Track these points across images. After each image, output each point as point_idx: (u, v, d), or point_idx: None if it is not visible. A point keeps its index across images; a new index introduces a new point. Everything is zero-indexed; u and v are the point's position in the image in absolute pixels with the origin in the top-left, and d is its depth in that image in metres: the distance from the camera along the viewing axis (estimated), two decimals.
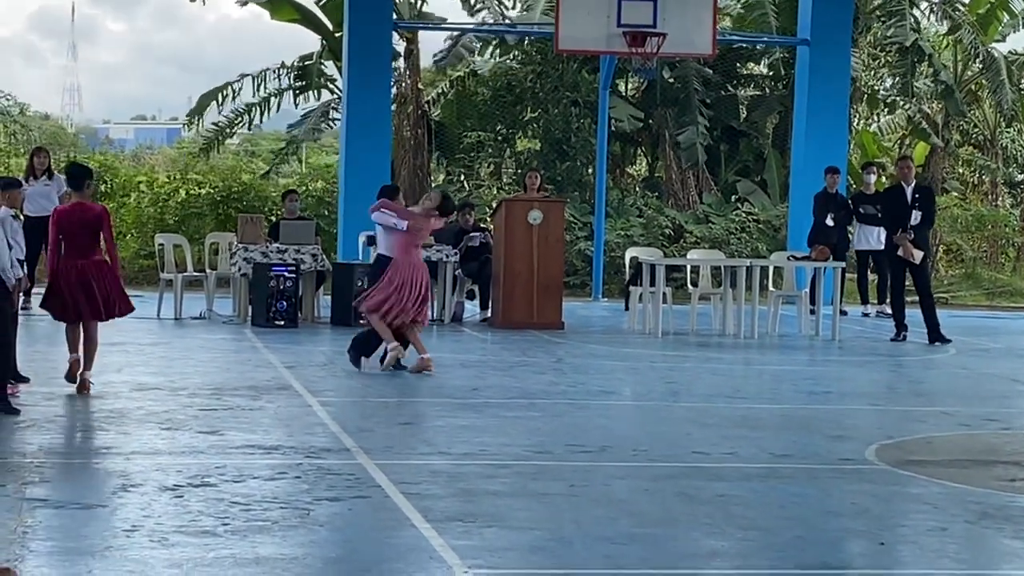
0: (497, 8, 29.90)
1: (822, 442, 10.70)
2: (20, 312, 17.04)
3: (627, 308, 19.63)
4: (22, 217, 15.21)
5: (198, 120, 31.17)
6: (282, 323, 17.40)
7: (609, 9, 21.20)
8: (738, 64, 30.29)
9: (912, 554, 7.57)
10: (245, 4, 28.89)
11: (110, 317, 12.24)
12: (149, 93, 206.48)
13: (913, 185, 18.54)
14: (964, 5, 30.54)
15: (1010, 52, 31.63)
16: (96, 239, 12.01)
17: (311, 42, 29.55)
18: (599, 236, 23.89)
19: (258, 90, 29.66)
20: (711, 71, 28.92)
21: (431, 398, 12.25)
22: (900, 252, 17.87)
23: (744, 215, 27.06)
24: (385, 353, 13.40)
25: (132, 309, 12.60)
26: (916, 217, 18.01)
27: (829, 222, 20.83)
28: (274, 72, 29.70)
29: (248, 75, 29.79)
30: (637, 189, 29.49)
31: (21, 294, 12.61)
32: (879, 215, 20.11)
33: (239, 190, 26.98)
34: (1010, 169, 34.19)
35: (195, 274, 19.31)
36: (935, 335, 17.89)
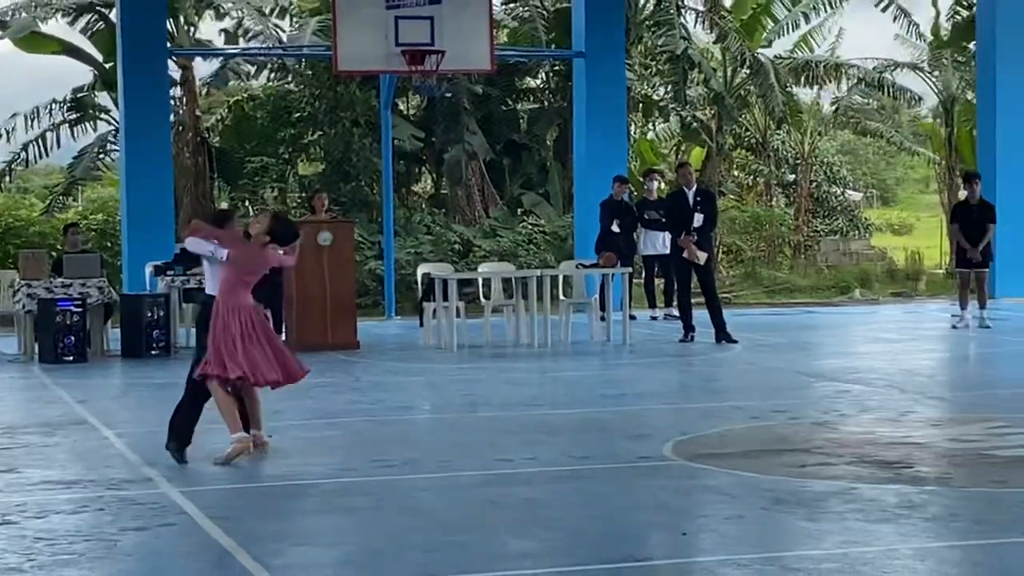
0: (272, 30, 29.74)
1: (620, 442, 10.90)
2: None
3: (421, 324, 19.65)
4: None
5: None
6: (71, 358, 17.03)
7: (387, 28, 21.16)
8: (516, 78, 30.54)
9: (713, 542, 7.78)
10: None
11: None
12: None
13: (694, 189, 18.97)
14: (729, 12, 31.29)
15: (776, 56, 32.49)
16: None
17: (81, 74, 28.98)
18: (389, 255, 23.87)
19: (31, 127, 28.93)
20: (487, 87, 29.04)
21: None
22: (685, 254, 18.25)
23: (531, 227, 27.31)
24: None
25: None
26: (698, 220, 18.40)
27: (615, 228, 21.14)
28: (46, 107, 28.95)
29: (18, 113, 29.07)
30: (424, 207, 29.53)
31: None
32: (663, 220, 20.49)
33: (18, 227, 26.32)
34: (782, 170, 35.06)
35: None
36: (722, 334, 18.28)
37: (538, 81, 30.97)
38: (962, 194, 21.91)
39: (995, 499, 8.76)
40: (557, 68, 28.92)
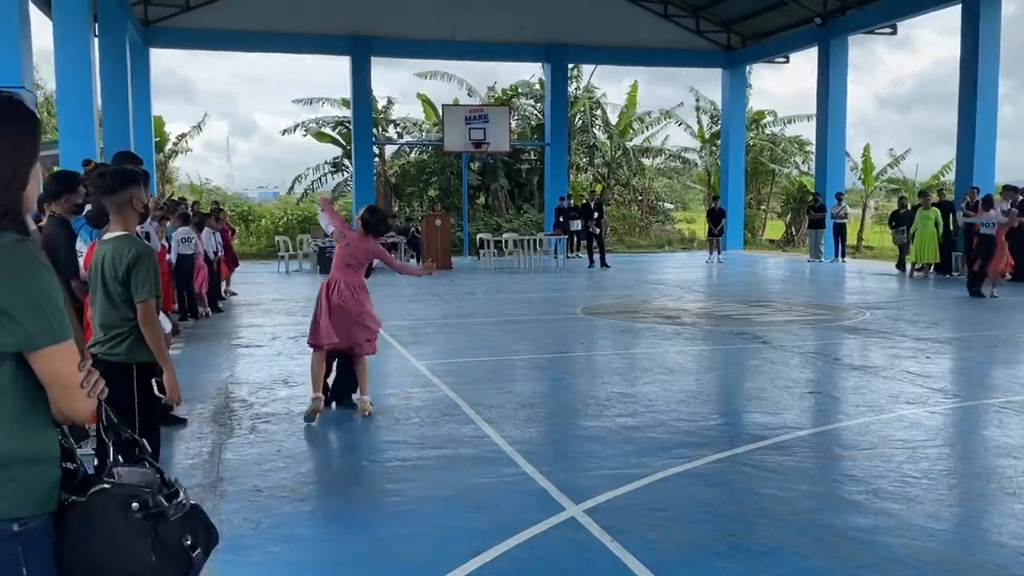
0: (420, 132, 29.79)
1: (559, 307, 11.08)
2: None
3: (479, 258, 19.92)
4: None
5: (291, 190, 30.97)
6: None
7: (466, 132, 21.48)
8: (520, 154, 30.40)
9: (599, 347, 8.09)
10: (305, 136, 28.76)
11: None
12: None
13: (595, 201, 19.06)
14: (613, 125, 31.10)
15: (634, 145, 31.93)
16: None
17: (335, 151, 29.18)
18: (465, 229, 24.10)
19: (316, 174, 29.29)
20: (508, 158, 28.77)
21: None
22: (590, 230, 18.28)
23: (526, 218, 27.38)
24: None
25: None
26: (596, 215, 18.51)
27: (561, 219, 21.25)
28: (322, 165, 29.27)
29: (310, 167, 29.55)
30: (482, 209, 29.52)
31: None
32: (578, 215, 20.56)
33: (312, 217, 26.57)
34: (636, 195, 34.52)
35: (293, 252, 18.99)
36: (605, 264, 18.36)
37: (529, 154, 30.80)
38: (713, 204, 21.77)
39: (712, 330, 9.04)
40: (537, 150, 28.82)
